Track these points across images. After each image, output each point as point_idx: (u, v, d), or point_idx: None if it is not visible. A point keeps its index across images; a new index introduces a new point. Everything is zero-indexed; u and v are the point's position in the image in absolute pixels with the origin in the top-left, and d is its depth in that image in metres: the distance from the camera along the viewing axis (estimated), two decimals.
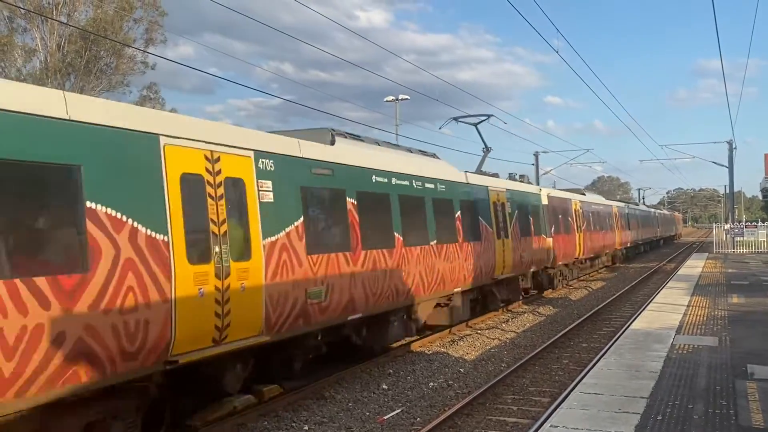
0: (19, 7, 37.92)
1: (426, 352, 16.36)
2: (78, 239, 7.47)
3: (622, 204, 51.13)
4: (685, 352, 12.26)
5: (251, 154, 10.17)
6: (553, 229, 27.09)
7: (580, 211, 32.98)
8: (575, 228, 31.41)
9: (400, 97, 43.41)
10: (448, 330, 18.71)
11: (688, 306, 18.50)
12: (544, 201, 26.45)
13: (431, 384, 13.45)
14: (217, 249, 9.21)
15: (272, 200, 10.48)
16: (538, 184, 43.05)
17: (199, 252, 8.97)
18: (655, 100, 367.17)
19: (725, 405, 8.76)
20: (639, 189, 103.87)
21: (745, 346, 12.65)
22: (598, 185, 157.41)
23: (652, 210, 76.08)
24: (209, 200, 9.22)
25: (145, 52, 42.66)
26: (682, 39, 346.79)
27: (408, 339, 16.36)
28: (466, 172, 19.55)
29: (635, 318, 17.06)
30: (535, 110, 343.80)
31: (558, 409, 8.94)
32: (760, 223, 51.15)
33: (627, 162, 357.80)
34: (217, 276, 9.19)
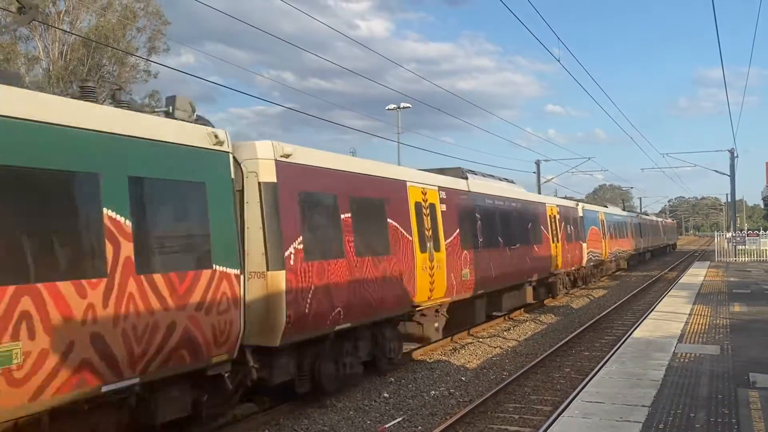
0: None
1: (427, 360, 16.34)
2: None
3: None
4: (686, 360, 12.24)
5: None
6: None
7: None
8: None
9: (402, 105, 43.46)
10: (450, 338, 18.70)
11: (689, 315, 18.48)
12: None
13: (433, 392, 13.43)
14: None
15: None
16: (539, 192, 45.07)
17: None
18: (656, 109, 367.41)
19: (727, 414, 8.74)
20: (640, 198, 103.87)
21: (747, 355, 12.63)
22: (599, 194, 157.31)
23: (652, 218, 74.57)
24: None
25: (147, 60, 42.81)
26: (683, 48, 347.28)
27: (409, 347, 16.35)
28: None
29: (637, 326, 17.04)
30: (537, 119, 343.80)
31: (559, 418, 8.93)
32: (761, 232, 51.06)
33: (628, 170, 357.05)
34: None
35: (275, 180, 10.69)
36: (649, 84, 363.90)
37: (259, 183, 10.54)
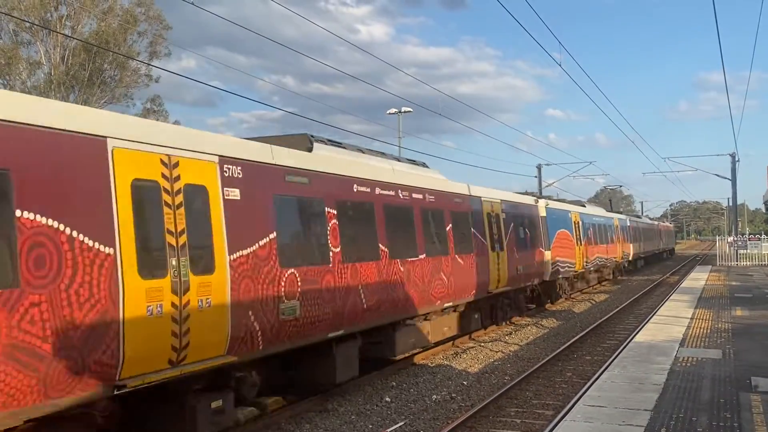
0: (24, 20, 38.14)
1: (429, 364, 16.32)
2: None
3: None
4: (688, 364, 12.22)
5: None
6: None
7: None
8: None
9: (403, 109, 43.45)
10: (452, 342, 18.69)
11: (691, 319, 18.46)
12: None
13: (434, 397, 13.42)
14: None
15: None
16: (541, 196, 43.68)
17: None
18: (657, 113, 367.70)
19: (729, 418, 8.73)
20: (641, 202, 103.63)
21: (749, 359, 12.62)
22: (600, 198, 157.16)
23: (646, 221, 67.35)
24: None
25: (148, 65, 42.89)
26: (683, 52, 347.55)
27: (412, 351, 16.35)
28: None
29: (639, 330, 17.02)
30: (537, 123, 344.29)
31: (561, 422, 8.91)
32: (763, 236, 51.11)
33: (629, 174, 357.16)
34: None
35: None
36: (650, 88, 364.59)
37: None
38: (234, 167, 9.80)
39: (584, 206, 37.03)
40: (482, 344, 19.25)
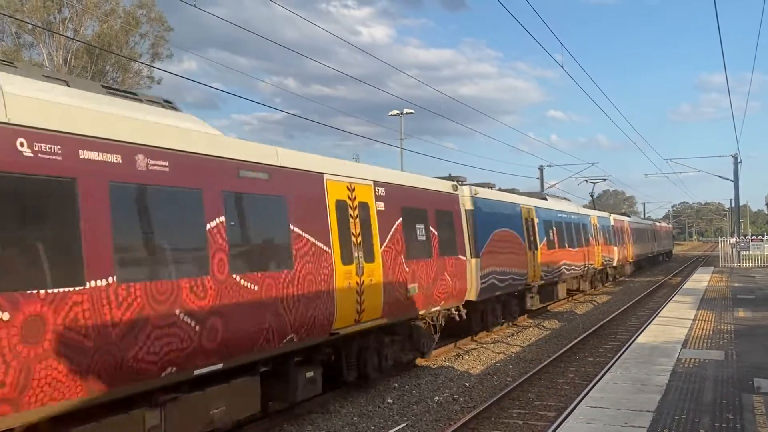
0: (27, 22, 38.23)
1: (431, 366, 16.32)
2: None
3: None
4: (691, 366, 12.22)
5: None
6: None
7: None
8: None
9: (405, 111, 43.50)
10: (453, 344, 18.69)
11: (694, 320, 18.45)
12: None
13: (436, 398, 13.42)
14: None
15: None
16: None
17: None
18: (659, 115, 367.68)
19: (731, 419, 8.73)
20: (644, 203, 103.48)
21: (751, 360, 12.61)
22: (603, 199, 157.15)
23: (638, 220, 59.72)
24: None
25: (150, 66, 42.97)
26: (685, 53, 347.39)
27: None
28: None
29: (641, 332, 17.00)
30: (539, 124, 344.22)
31: (564, 423, 8.91)
32: (765, 237, 51.03)
33: (632, 176, 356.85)
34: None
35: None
36: (652, 89, 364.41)
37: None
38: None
39: (545, 199, 29.84)
40: (484, 345, 19.24)
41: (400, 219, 14.15)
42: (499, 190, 23.75)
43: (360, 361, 13.26)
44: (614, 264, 41.55)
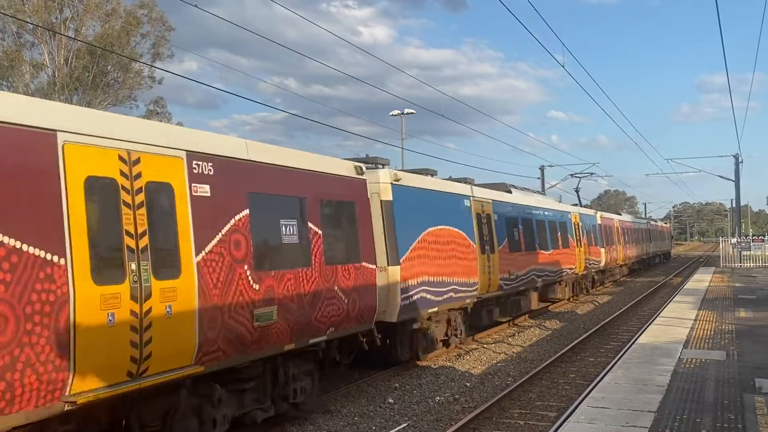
0: (28, 22, 38.24)
1: (432, 366, 16.31)
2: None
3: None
4: (692, 366, 12.20)
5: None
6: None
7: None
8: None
9: (406, 111, 43.49)
10: (454, 345, 18.66)
11: (695, 320, 18.43)
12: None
13: (437, 398, 13.41)
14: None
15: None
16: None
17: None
18: (659, 115, 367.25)
19: (733, 419, 8.71)
20: (645, 203, 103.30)
21: (752, 361, 12.59)
22: (604, 199, 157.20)
23: (626, 219, 50.32)
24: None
25: (152, 66, 42.96)
26: (686, 54, 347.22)
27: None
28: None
29: (642, 332, 17.00)
30: (539, 124, 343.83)
31: (565, 423, 8.91)
32: (766, 237, 50.98)
33: (633, 176, 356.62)
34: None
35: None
36: (652, 90, 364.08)
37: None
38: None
39: (509, 191, 24.16)
40: (485, 346, 19.23)
41: (246, 211, 9.85)
42: (449, 180, 19.30)
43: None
44: (601, 267, 36.91)
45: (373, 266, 13.17)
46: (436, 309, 16.30)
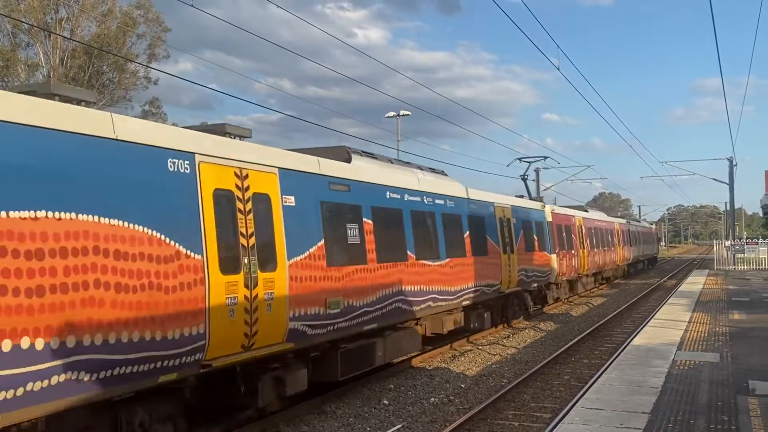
0: (23, 22, 38.15)
1: (427, 367, 16.33)
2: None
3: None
4: (686, 368, 12.24)
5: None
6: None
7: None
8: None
9: (401, 112, 43.49)
10: (449, 345, 18.70)
11: (689, 322, 18.49)
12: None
13: (432, 399, 13.42)
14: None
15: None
16: (540, 199, 41.72)
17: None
18: (654, 118, 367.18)
19: (727, 421, 8.75)
20: (639, 206, 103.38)
21: (746, 363, 12.64)
22: (599, 202, 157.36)
23: (599, 217, 40.50)
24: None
25: (147, 67, 42.89)
26: (681, 57, 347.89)
27: (409, 354, 16.36)
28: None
29: (636, 334, 17.04)
30: (534, 127, 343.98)
31: (559, 425, 8.93)
32: (760, 240, 51.15)
33: (627, 179, 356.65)
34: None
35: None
36: (647, 93, 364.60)
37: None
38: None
39: (348, 161, 13.98)
40: (480, 347, 19.26)
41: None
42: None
43: None
44: (553, 280, 27.78)
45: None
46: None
